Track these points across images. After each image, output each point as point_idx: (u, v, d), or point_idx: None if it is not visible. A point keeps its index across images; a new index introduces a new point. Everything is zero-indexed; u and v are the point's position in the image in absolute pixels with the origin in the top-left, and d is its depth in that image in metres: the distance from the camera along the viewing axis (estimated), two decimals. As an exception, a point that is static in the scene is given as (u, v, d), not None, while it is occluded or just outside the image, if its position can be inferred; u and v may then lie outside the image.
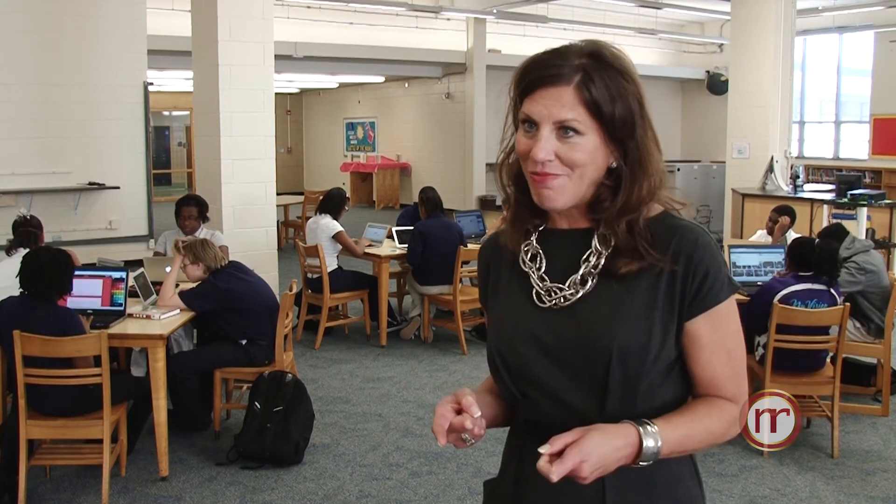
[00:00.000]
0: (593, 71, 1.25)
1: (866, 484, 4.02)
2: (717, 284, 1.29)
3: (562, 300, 1.32)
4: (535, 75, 1.27)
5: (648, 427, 1.24)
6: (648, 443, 1.23)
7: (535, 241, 1.38)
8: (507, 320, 1.38)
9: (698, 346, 1.32)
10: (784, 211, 6.30)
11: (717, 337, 1.31)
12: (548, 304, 1.33)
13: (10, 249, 4.76)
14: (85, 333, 3.68)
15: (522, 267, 1.38)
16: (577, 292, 1.31)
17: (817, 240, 4.79)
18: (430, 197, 6.67)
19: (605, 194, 1.30)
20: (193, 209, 5.58)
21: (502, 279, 1.43)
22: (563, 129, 1.25)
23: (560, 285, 1.33)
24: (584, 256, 1.32)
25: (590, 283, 1.31)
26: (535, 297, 1.35)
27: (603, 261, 1.31)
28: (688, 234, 1.30)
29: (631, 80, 1.27)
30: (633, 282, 1.30)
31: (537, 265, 1.36)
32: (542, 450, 1.18)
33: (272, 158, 6.98)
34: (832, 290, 4.41)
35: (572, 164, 1.26)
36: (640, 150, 1.28)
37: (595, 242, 1.31)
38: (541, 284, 1.35)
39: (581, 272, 1.32)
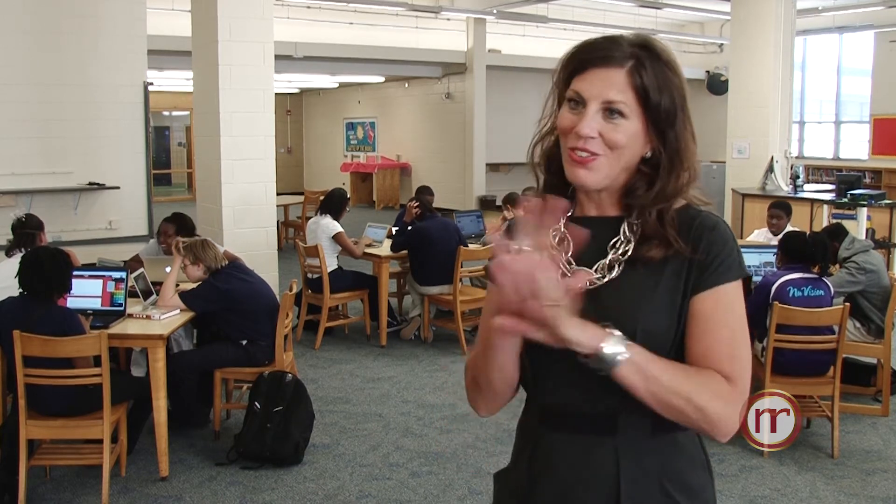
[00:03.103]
0: (645, 59, 1.29)
1: (866, 484, 4.01)
2: (724, 265, 1.30)
3: (587, 284, 1.32)
4: (589, 55, 1.31)
5: (618, 335, 1.20)
6: (611, 344, 1.19)
7: (562, 226, 1.38)
8: None
9: (698, 321, 1.30)
10: (783, 206, 6.41)
11: (719, 315, 1.30)
12: None
13: (10, 250, 4.76)
14: (85, 333, 3.68)
15: (550, 250, 1.38)
16: (604, 277, 1.33)
17: (808, 233, 4.87)
18: (423, 201, 6.70)
19: (640, 182, 1.33)
20: (171, 226, 5.37)
21: None
22: (610, 111, 1.28)
23: (587, 269, 1.34)
24: (612, 243, 1.34)
25: (616, 269, 1.33)
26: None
27: (630, 249, 1.32)
28: (706, 220, 1.33)
29: (676, 74, 1.32)
30: (658, 268, 1.31)
31: (564, 249, 1.37)
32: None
33: (272, 158, 6.97)
34: (824, 279, 4.51)
35: (613, 144, 1.29)
36: (679, 142, 1.32)
37: (624, 229, 1.34)
38: (567, 267, 1.35)
39: (609, 258, 1.33)
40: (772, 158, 10.41)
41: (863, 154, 15.48)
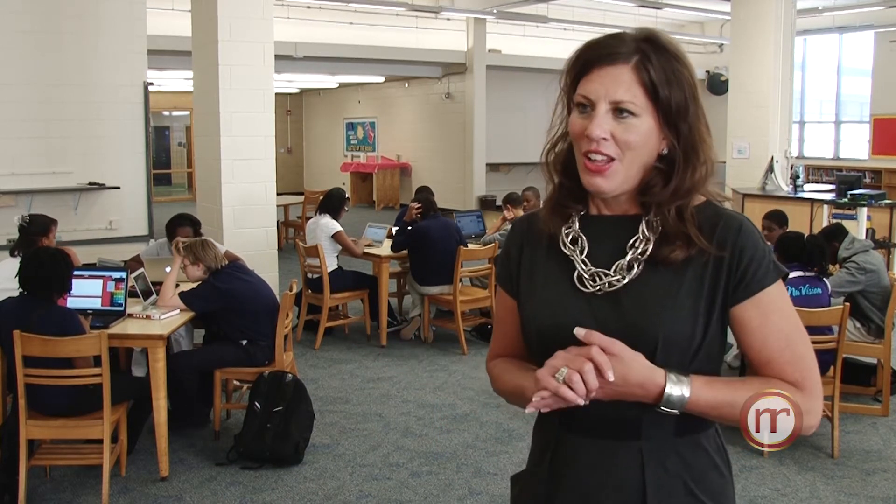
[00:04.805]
0: (650, 53, 1.26)
1: (866, 484, 4.01)
2: (762, 270, 1.28)
3: (606, 286, 1.30)
4: (593, 54, 1.27)
5: (681, 377, 1.24)
6: (672, 391, 1.23)
7: (576, 226, 1.35)
8: (547, 305, 1.35)
9: (748, 331, 1.29)
10: (775, 217, 6.10)
11: (769, 321, 1.28)
12: (591, 289, 1.31)
13: (13, 250, 4.75)
14: (84, 333, 3.68)
15: (563, 249, 1.35)
16: (623, 278, 1.29)
17: (805, 234, 4.91)
18: (426, 200, 6.70)
19: (656, 179, 1.29)
20: (188, 229, 5.37)
21: (538, 263, 1.40)
22: (619, 110, 1.25)
23: (605, 270, 1.30)
24: (631, 242, 1.30)
25: (636, 269, 1.29)
26: (576, 281, 1.33)
27: (650, 247, 1.29)
28: (731, 222, 1.30)
29: (685, 65, 1.29)
30: (679, 269, 1.28)
31: (579, 248, 1.34)
32: (578, 331, 1.22)
33: (272, 158, 6.97)
34: (823, 278, 4.55)
35: (626, 145, 1.25)
36: (694, 135, 1.29)
37: (642, 228, 1.30)
38: (584, 268, 1.32)
39: (628, 258, 1.30)
40: (772, 158, 10.40)
41: (863, 154, 15.47)
